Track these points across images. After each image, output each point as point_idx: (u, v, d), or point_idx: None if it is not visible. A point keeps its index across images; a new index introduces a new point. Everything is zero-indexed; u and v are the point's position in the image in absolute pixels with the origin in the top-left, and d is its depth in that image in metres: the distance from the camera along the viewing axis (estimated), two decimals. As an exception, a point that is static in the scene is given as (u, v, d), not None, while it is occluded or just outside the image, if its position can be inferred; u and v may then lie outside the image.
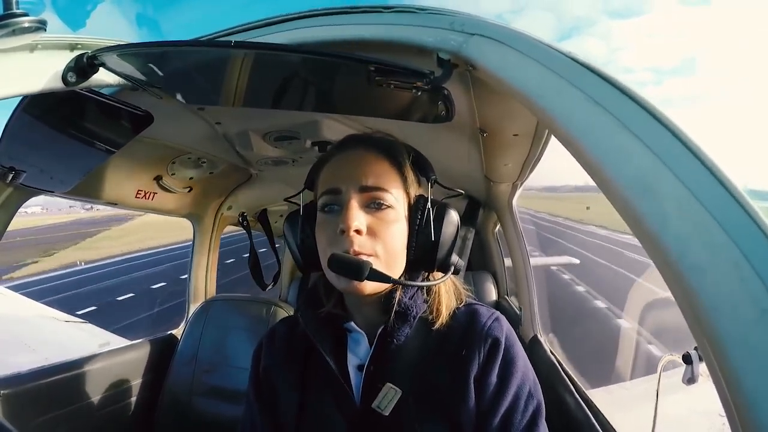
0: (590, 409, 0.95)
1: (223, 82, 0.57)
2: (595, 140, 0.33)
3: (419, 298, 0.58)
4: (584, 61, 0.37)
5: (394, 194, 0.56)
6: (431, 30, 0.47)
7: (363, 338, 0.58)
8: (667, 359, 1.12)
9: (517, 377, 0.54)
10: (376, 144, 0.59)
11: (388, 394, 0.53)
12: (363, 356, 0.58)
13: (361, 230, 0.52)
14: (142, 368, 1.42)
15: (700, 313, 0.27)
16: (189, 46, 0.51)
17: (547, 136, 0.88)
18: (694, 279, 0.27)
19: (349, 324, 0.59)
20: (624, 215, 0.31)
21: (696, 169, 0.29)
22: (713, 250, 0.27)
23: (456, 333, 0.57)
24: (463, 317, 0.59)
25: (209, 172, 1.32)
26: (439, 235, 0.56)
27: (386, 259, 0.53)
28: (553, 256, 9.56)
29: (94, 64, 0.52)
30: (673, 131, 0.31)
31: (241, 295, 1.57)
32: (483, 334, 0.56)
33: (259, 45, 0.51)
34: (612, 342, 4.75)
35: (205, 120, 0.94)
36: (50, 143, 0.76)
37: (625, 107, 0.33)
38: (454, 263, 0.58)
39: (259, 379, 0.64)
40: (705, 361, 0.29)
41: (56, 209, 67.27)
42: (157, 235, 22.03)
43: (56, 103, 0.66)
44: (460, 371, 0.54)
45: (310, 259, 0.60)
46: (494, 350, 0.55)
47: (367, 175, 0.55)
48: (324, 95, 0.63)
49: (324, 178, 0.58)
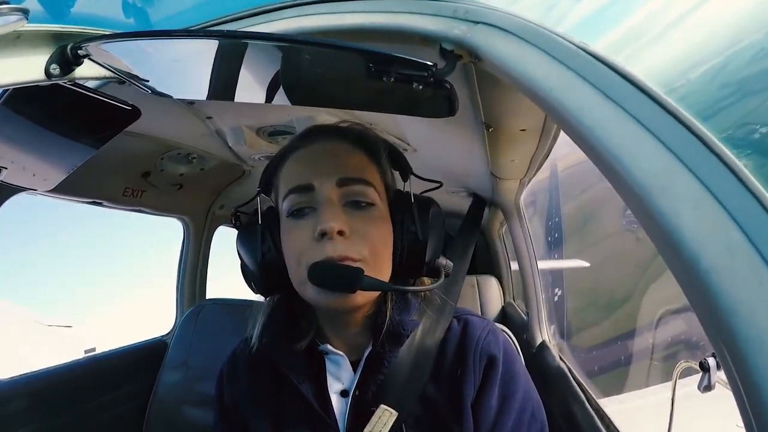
0: (602, 421, 0.95)
1: (215, 74, 0.57)
2: (607, 136, 0.33)
3: (409, 313, 0.54)
4: (596, 53, 0.37)
5: (376, 189, 0.51)
6: (434, 18, 0.46)
7: (344, 361, 0.54)
8: (684, 366, 1.12)
9: (518, 398, 0.51)
10: (348, 134, 0.54)
11: (383, 418, 0.49)
12: (347, 380, 0.53)
13: (344, 231, 0.47)
14: (129, 375, 1.42)
15: (718, 318, 0.26)
16: (178, 36, 0.51)
17: (555, 131, 0.87)
18: (710, 282, 0.27)
19: (324, 346, 0.54)
20: (638, 214, 0.31)
21: (714, 167, 0.29)
22: (731, 251, 0.27)
23: (450, 348, 0.54)
24: (455, 329, 0.56)
25: (200, 168, 1.32)
26: (427, 235, 0.51)
27: (375, 264, 0.48)
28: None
29: (78, 55, 0.52)
30: (689, 127, 0.31)
31: (234, 298, 1.57)
32: (478, 351, 0.52)
33: (253, 34, 0.51)
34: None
35: (196, 114, 0.94)
36: (33, 139, 0.76)
37: (638, 101, 0.33)
38: (443, 266, 0.54)
39: (227, 413, 0.60)
40: (723, 369, 0.29)
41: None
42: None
43: (39, 97, 0.66)
44: (456, 394, 0.51)
45: (272, 279, 0.52)
46: (491, 369, 0.52)
47: (345, 167, 0.50)
48: (320, 88, 0.63)
49: (288, 176, 0.52)
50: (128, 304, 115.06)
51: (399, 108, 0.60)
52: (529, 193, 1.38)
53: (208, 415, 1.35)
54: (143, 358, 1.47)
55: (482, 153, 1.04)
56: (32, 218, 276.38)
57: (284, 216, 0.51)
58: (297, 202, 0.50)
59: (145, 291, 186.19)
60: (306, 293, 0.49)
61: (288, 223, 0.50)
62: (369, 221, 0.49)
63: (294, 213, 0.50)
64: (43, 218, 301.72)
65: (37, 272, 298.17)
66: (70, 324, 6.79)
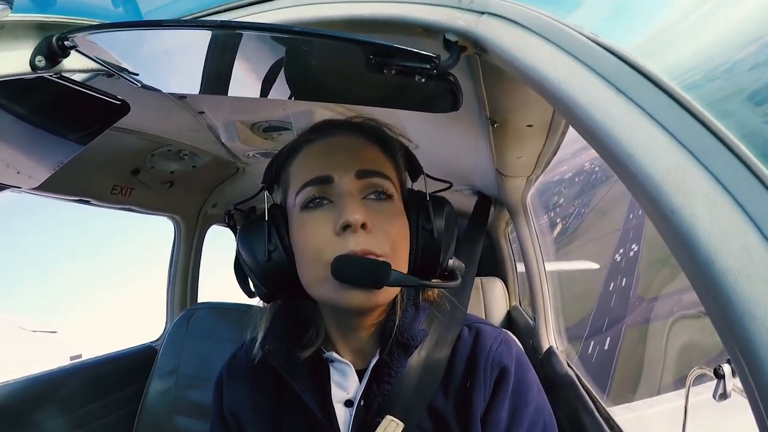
0: (612, 431, 0.95)
1: (208, 66, 0.57)
2: (619, 132, 0.33)
3: (419, 322, 0.54)
4: (608, 44, 0.36)
5: (393, 184, 0.51)
6: (437, 8, 0.46)
7: (351, 369, 0.54)
8: (697, 373, 1.12)
9: (529, 411, 0.51)
10: (363, 128, 0.55)
11: (388, 429, 0.50)
12: (352, 390, 0.53)
13: (367, 224, 0.46)
14: (117, 383, 1.42)
15: (733, 322, 0.26)
16: (169, 26, 0.51)
17: (564, 126, 0.88)
18: (726, 284, 0.27)
19: (330, 354, 0.54)
20: (650, 213, 0.31)
21: (730, 165, 0.29)
22: (748, 253, 0.27)
23: (460, 358, 0.54)
24: (466, 338, 0.56)
25: (192, 165, 1.33)
26: (442, 234, 0.52)
27: (395, 260, 0.48)
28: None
29: (65, 47, 0.52)
30: (704, 122, 0.31)
31: (226, 302, 1.57)
32: (489, 362, 0.53)
33: (247, 25, 0.51)
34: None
35: (188, 109, 0.94)
36: (17, 134, 0.76)
37: (651, 95, 0.33)
38: (456, 267, 0.54)
39: (225, 422, 0.60)
40: (738, 376, 0.29)
41: None
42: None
43: (24, 91, 0.66)
44: (465, 406, 0.51)
45: (279, 280, 0.50)
46: (502, 381, 0.52)
47: (363, 160, 0.50)
48: (317, 81, 0.63)
49: (302, 168, 0.52)
50: (116, 308, 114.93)
51: (400, 102, 0.60)
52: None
53: (200, 424, 1.35)
54: (131, 366, 1.47)
55: (487, 150, 1.04)
56: (14, 214, 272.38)
57: (297, 210, 0.50)
58: (314, 194, 0.49)
59: (134, 294, 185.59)
60: (321, 292, 0.48)
61: (303, 216, 0.49)
62: (388, 216, 0.49)
63: (310, 206, 0.49)
64: (25, 214, 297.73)
65: (20, 273, 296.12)
66: (55, 330, 6.79)
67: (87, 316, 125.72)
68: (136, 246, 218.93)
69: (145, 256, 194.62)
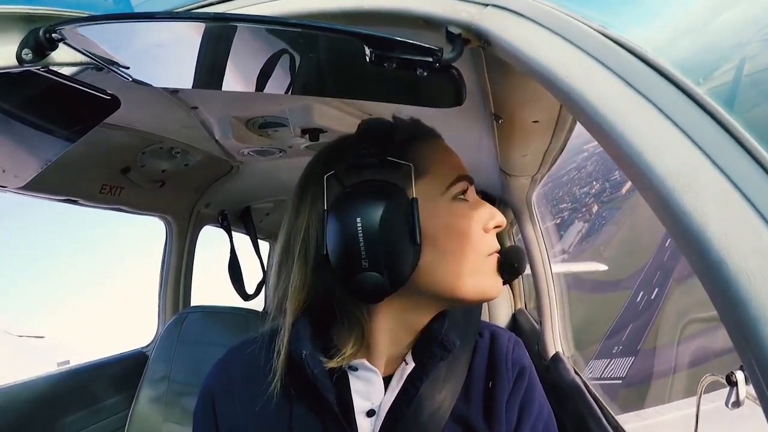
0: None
1: (201, 60, 0.57)
2: (628, 129, 0.33)
3: (456, 328, 0.55)
4: (617, 37, 0.36)
5: None
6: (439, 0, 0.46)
7: (377, 377, 0.53)
8: (709, 380, 1.12)
9: (535, 406, 0.56)
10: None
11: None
12: (377, 399, 0.53)
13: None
14: (107, 390, 1.42)
15: (746, 326, 0.26)
16: (161, 19, 0.51)
17: (571, 123, 0.88)
18: (738, 287, 0.27)
19: (360, 362, 0.52)
20: (660, 213, 0.31)
21: (743, 163, 0.29)
22: (762, 254, 0.27)
23: (479, 362, 0.57)
24: (483, 343, 0.59)
25: (184, 164, 1.33)
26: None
27: None
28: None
29: (52, 39, 0.52)
30: (717, 118, 0.31)
31: (220, 306, 1.57)
32: (509, 363, 0.57)
33: (242, 17, 0.51)
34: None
35: (180, 104, 0.94)
36: (2, 131, 0.76)
37: (662, 91, 0.33)
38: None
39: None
40: (752, 382, 0.29)
41: None
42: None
43: (10, 85, 0.66)
44: (490, 406, 0.54)
45: (412, 269, 0.47)
46: (520, 381, 0.56)
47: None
48: (316, 75, 0.63)
49: (443, 159, 0.55)
50: (107, 310, 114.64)
51: (401, 97, 0.60)
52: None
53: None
54: (121, 372, 1.47)
55: (491, 147, 1.04)
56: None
57: (447, 199, 0.52)
58: (462, 190, 0.53)
59: (125, 296, 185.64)
60: (470, 282, 0.49)
61: (458, 206, 0.52)
62: None
63: (460, 197, 0.52)
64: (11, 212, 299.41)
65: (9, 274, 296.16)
66: (42, 335, 6.79)
67: (72, 319, 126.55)
68: (127, 245, 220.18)
69: (137, 255, 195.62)
